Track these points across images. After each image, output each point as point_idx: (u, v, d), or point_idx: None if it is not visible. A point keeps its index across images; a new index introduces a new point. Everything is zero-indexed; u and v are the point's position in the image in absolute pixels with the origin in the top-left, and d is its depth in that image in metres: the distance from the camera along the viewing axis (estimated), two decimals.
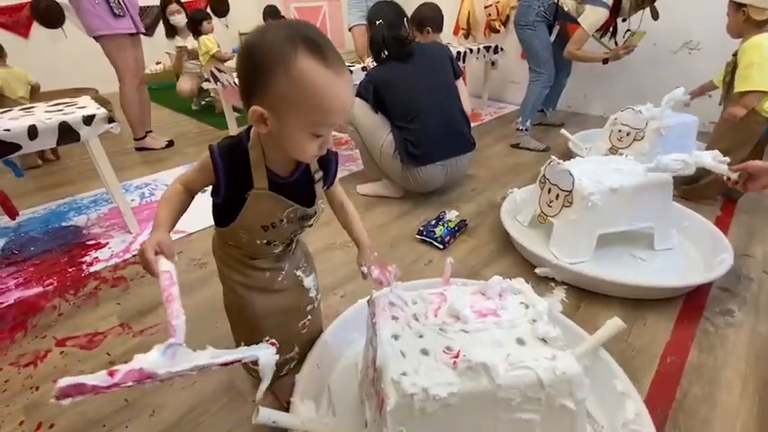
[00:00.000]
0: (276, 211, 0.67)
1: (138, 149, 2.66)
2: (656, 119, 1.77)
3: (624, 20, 2.21)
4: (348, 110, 0.59)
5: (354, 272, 1.36)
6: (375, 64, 1.74)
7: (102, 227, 1.71)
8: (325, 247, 1.47)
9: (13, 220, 1.54)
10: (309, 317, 0.86)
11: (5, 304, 1.26)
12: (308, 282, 0.84)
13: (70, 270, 1.42)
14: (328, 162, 0.73)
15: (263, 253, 0.74)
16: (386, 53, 1.66)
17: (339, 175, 0.77)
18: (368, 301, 0.78)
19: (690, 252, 1.34)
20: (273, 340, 0.60)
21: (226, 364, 0.52)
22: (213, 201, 0.69)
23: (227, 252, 0.74)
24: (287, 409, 0.78)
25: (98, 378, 0.42)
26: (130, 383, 0.44)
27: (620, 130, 1.92)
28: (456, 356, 0.62)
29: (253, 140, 0.64)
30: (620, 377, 0.81)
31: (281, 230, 0.70)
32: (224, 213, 0.68)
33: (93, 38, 2.24)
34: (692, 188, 1.67)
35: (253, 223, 0.67)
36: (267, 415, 0.65)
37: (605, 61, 2.22)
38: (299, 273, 0.82)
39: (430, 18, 1.98)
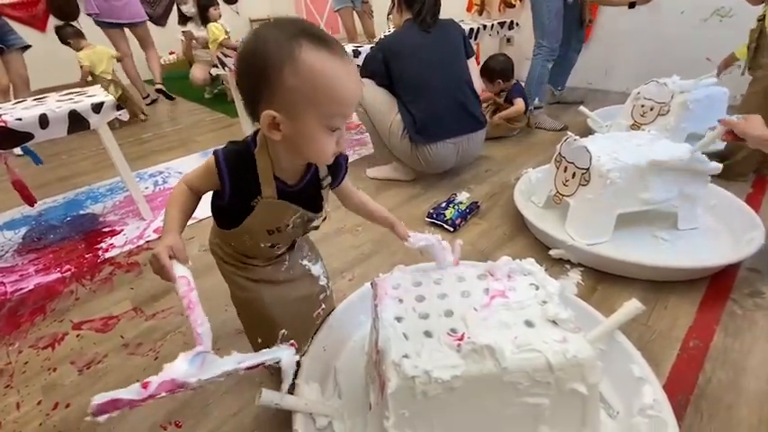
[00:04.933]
0: (283, 217, 0.66)
1: (158, 91, 3.57)
2: (684, 91, 1.66)
3: None
4: (358, 98, 0.57)
5: (363, 255, 1.36)
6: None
7: (117, 214, 1.75)
8: (335, 231, 1.46)
9: (32, 207, 1.59)
10: (323, 305, 0.85)
11: (26, 289, 1.30)
12: (317, 270, 0.83)
13: (87, 256, 1.46)
14: (338, 167, 0.71)
15: (266, 255, 0.73)
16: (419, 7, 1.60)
17: (349, 159, 0.75)
18: (371, 284, 0.76)
19: (717, 232, 1.26)
20: (293, 341, 0.59)
21: (250, 368, 0.53)
22: (214, 202, 0.67)
23: (225, 251, 0.73)
24: (291, 391, 0.78)
25: (132, 392, 0.43)
26: (164, 394, 0.45)
27: (642, 105, 1.81)
28: (460, 339, 0.59)
29: (260, 147, 0.61)
30: (638, 361, 0.77)
31: (285, 234, 0.70)
32: (227, 217, 0.66)
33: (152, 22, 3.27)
34: (724, 165, 1.56)
35: (258, 228, 0.66)
36: (270, 397, 0.64)
37: (632, 5, 2.03)
38: (304, 262, 0.80)
39: None
